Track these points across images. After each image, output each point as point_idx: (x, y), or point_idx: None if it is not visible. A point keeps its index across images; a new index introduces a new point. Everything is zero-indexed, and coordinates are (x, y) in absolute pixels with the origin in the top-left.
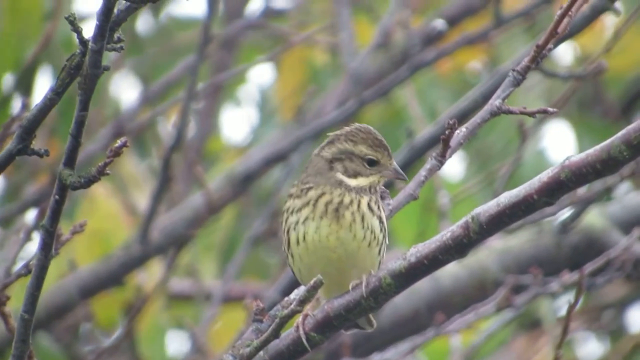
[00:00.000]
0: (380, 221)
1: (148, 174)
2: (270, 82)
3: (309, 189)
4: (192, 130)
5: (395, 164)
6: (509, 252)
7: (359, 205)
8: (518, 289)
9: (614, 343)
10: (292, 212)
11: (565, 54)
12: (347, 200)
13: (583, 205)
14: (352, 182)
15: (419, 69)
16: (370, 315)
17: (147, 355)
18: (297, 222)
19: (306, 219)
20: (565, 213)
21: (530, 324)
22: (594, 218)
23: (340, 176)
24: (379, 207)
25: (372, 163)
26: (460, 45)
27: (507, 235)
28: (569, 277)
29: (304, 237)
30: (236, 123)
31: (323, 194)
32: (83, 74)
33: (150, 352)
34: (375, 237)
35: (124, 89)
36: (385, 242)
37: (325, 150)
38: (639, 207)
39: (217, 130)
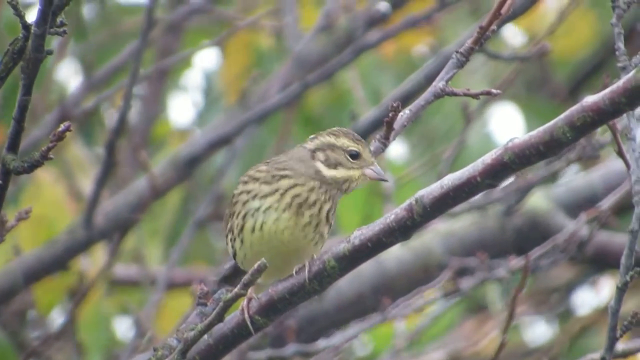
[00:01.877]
0: (330, 226)
1: (94, 160)
2: (215, 66)
3: (283, 176)
4: (137, 115)
5: (377, 164)
6: (454, 234)
7: (319, 210)
8: (462, 272)
9: (562, 325)
10: (254, 197)
11: (513, 36)
12: (312, 199)
13: (527, 188)
14: (329, 173)
15: (362, 51)
16: None
17: (88, 342)
18: (257, 209)
19: (269, 207)
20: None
21: (478, 308)
22: (539, 200)
23: (319, 165)
24: (333, 214)
25: (354, 156)
26: (404, 28)
27: (452, 218)
28: (515, 262)
29: (261, 227)
30: (182, 108)
31: (295, 185)
32: (26, 58)
33: (92, 339)
34: (321, 238)
35: (70, 75)
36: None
37: (309, 143)
38: (583, 189)
39: (164, 115)
